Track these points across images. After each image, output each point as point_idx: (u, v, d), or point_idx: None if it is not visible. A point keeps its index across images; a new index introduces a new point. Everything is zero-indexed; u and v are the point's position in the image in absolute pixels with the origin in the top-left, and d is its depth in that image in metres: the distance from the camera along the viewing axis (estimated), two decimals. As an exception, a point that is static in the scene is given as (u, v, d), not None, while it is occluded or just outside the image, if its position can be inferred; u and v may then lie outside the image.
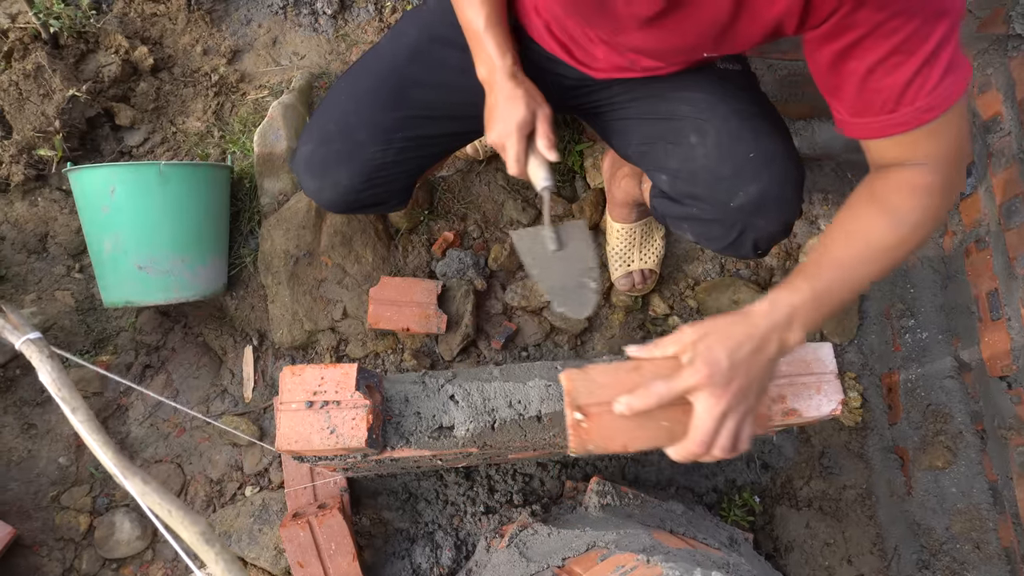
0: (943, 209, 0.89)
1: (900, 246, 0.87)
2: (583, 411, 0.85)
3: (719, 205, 1.12)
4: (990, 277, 1.51)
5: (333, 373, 0.96)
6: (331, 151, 1.20)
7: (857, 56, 0.80)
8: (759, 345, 0.81)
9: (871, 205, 0.89)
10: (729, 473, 1.57)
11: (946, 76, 0.79)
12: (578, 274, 1.13)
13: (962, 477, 1.54)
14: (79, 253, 1.67)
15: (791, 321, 0.82)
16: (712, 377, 0.78)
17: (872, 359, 1.72)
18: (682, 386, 0.80)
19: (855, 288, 0.87)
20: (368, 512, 1.48)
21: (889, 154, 0.88)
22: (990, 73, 1.56)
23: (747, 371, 0.80)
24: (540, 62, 1.18)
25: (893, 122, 0.83)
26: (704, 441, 0.80)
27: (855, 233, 0.88)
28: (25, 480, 1.52)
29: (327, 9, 1.84)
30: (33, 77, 1.60)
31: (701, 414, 0.80)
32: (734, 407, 0.80)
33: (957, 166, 0.87)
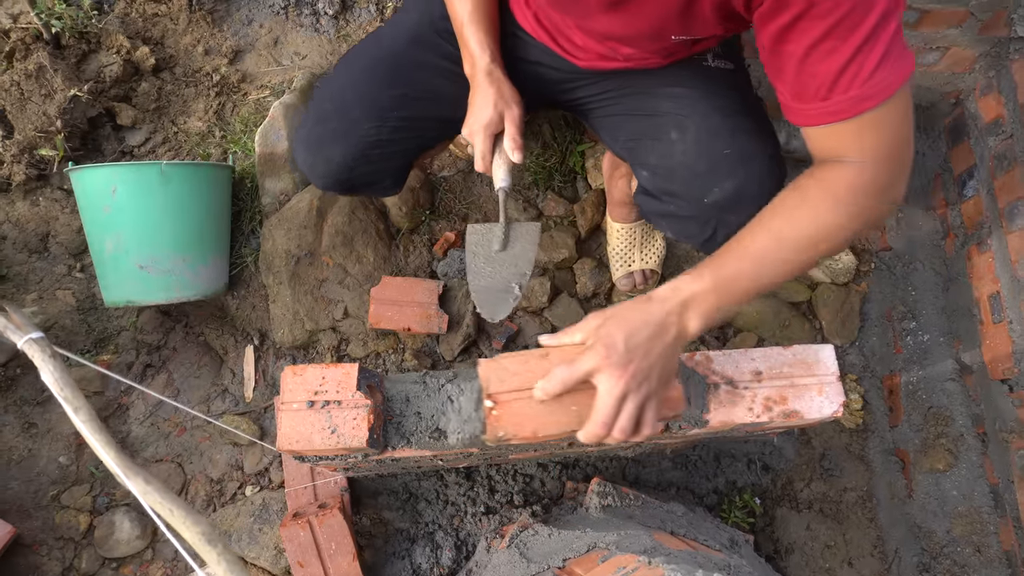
0: (871, 212, 0.85)
1: (814, 246, 0.85)
2: (493, 399, 0.88)
3: (694, 201, 1.12)
4: (992, 280, 1.51)
5: (334, 373, 0.96)
6: (327, 129, 1.21)
7: (794, 38, 0.79)
8: (657, 329, 0.82)
9: (793, 200, 0.87)
10: (730, 475, 1.57)
11: (883, 66, 0.77)
12: (509, 277, 1.16)
13: (963, 480, 1.54)
14: (80, 252, 1.67)
15: (687, 308, 0.83)
16: (609, 359, 0.79)
17: (873, 361, 1.72)
18: (582, 369, 0.81)
19: (763, 283, 0.86)
20: (368, 512, 1.48)
21: (824, 145, 0.86)
22: (992, 76, 1.56)
23: (645, 354, 0.81)
24: (534, 54, 1.20)
25: (827, 110, 0.81)
26: (605, 422, 0.81)
27: (771, 227, 0.86)
28: (25, 479, 1.52)
29: (328, 9, 1.84)
30: (35, 77, 1.60)
31: (602, 395, 0.81)
32: (633, 389, 0.81)
33: (892, 167, 0.84)
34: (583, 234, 1.71)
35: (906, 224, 1.77)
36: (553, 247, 1.67)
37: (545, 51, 1.19)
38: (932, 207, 1.75)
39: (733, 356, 1.02)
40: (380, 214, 1.68)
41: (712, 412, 0.98)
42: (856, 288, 1.74)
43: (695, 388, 1.00)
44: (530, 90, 1.21)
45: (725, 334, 1.72)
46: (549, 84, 1.24)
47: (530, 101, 1.24)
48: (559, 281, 1.69)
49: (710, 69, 1.15)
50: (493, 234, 1.19)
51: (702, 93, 1.13)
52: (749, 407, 0.99)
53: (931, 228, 1.74)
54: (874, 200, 0.85)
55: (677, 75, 1.14)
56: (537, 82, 1.22)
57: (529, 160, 1.74)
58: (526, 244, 1.18)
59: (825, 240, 0.85)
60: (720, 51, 1.17)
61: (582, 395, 0.85)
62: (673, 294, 0.84)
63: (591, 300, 1.70)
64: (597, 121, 1.29)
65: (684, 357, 1.01)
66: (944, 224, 1.71)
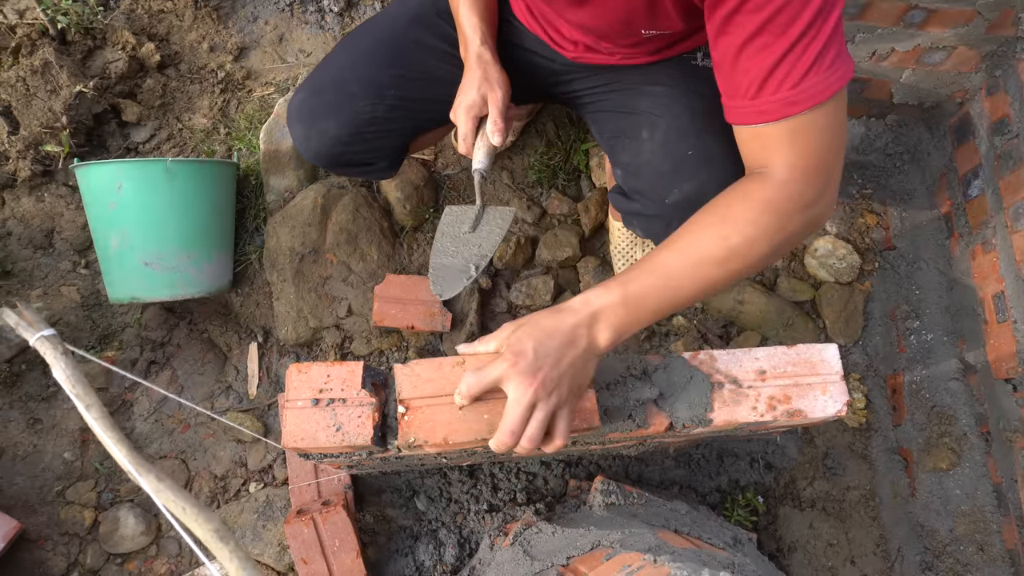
0: (792, 228, 0.82)
1: (727, 262, 0.82)
2: (405, 404, 0.88)
3: (658, 201, 1.12)
4: (996, 279, 1.51)
5: (339, 371, 0.96)
6: (322, 101, 1.21)
7: (731, 31, 0.78)
8: (567, 339, 0.80)
9: (710, 211, 0.85)
10: (733, 473, 1.57)
11: (816, 69, 0.75)
12: (468, 258, 1.17)
13: (966, 479, 1.54)
14: (85, 249, 1.68)
15: (597, 320, 0.81)
16: (517, 366, 0.78)
17: (877, 360, 1.72)
18: (491, 376, 0.80)
19: (675, 299, 0.83)
20: (372, 509, 1.48)
21: (750, 147, 0.84)
22: (998, 75, 1.55)
23: (555, 363, 0.79)
24: (529, 43, 1.21)
25: (755, 109, 0.80)
26: (512, 430, 0.79)
27: (683, 243, 0.84)
28: (31, 475, 1.52)
29: (333, 6, 1.84)
30: (40, 73, 1.60)
31: (510, 403, 0.79)
32: (543, 397, 0.79)
33: (817, 180, 0.81)
34: (587, 232, 1.71)
35: (910, 224, 1.77)
36: (557, 245, 1.67)
37: (538, 41, 1.21)
38: (937, 206, 1.75)
39: (737, 355, 1.02)
40: (384, 212, 1.68)
41: (716, 411, 0.98)
42: (860, 287, 1.74)
43: (698, 388, 1.00)
44: (526, 79, 1.22)
45: (728, 333, 1.72)
46: (545, 75, 1.25)
47: (527, 91, 1.25)
48: (563, 280, 1.70)
49: (697, 67, 1.15)
50: (467, 216, 1.20)
51: (681, 92, 1.12)
52: (753, 406, 0.99)
53: (935, 227, 1.74)
54: (796, 216, 0.81)
55: (660, 73, 1.15)
56: (533, 71, 1.23)
57: (533, 158, 1.74)
58: (495, 227, 1.19)
59: (738, 258, 0.82)
60: None
61: (495, 404, 0.85)
62: (583, 306, 0.82)
63: (595, 298, 1.70)
64: (588, 116, 1.30)
65: (688, 356, 1.01)
66: (949, 223, 1.71)
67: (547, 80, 1.26)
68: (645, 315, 0.83)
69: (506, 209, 1.20)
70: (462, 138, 1.12)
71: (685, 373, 1.00)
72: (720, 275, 0.83)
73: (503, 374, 0.79)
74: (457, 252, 1.18)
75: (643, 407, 0.96)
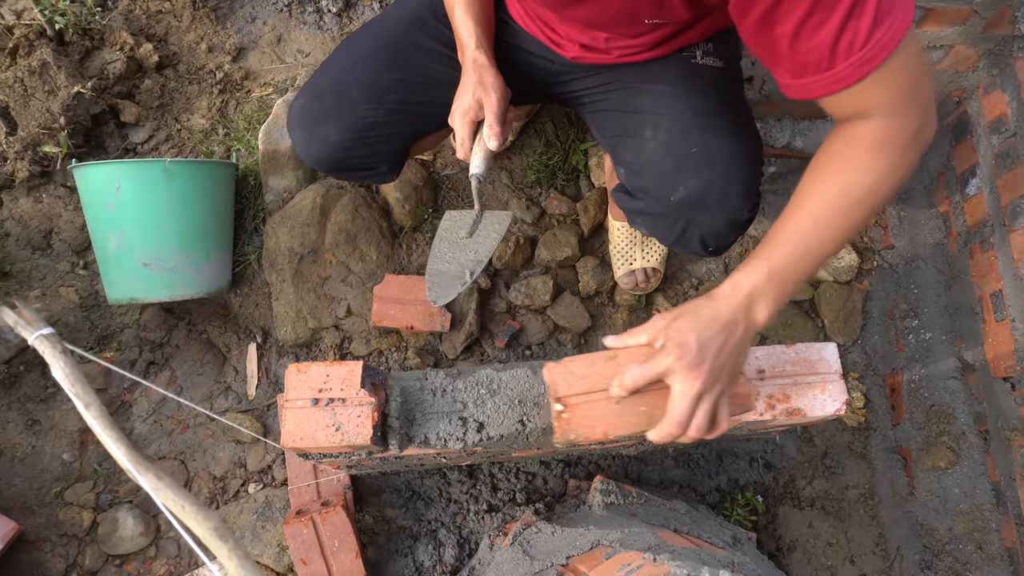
0: (906, 158, 0.85)
1: (856, 208, 0.84)
2: (563, 402, 0.88)
3: (662, 199, 1.13)
4: (994, 278, 1.51)
5: (338, 371, 0.96)
6: (323, 106, 1.21)
7: (779, 20, 0.79)
8: (726, 327, 0.82)
9: (826, 166, 0.87)
10: (732, 473, 1.57)
11: (878, 26, 0.76)
12: (464, 264, 1.17)
13: (965, 478, 1.54)
14: (83, 249, 1.67)
15: (752, 302, 0.84)
16: (684, 359, 0.80)
17: (875, 359, 1.72)
18: (656, 370, 0.81)
19: (819, 257, 0.86)
20: (371, 510, 1.48)
21: (842, 109, 0.86)
22: (996, 74, 1.56)
23: (718, 352, 0.81)
24: (526, 44, 1.21)
25: (833, 78, 0.81)
26: (681, 421, 0.81)
27: (811, 201, 0.85)
28: (29, 476, 1.52)
29: (332, 7, 1.84)
30: (38, 74, 1.60)
31: (677, 395, 0.81)
32: (709, 387, 0.81)
33: (917, 109, 0.84)
34: (586, 232, 1.71)
35: (908, 223, 1.77)
36: (556, 245, 1.67)
37: (535, 42, 1.21)
38: (935, 205, 1.75)
39: (737, 354, 1.02)
40: (383, 212, 1.68)
41: (716, 410, 0.98)
42: (858, 286, 1.74)
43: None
44: (524, 79, 1.22)
45: (727, 332, 1.72)
46: (543, 75, 1.25)
47: (525, 92, 1.25)
48: (562, 279, 1.70)
49: (697, 66, 1.15)
50: (465, 221, 1.20)
51: (683, 90, 1.13)
52: (752, 405, 0.99)
53: (933, 226, 1.74)
54: (907, 147, 0.84)
55: (661, 71, 1.15)
56: (531, 71, 1.24)
57: (532, 158, 1.74)
58: (491, 232, 1.19)
59: (867, 200, 0.84)
60: (711, 48, 1.16)
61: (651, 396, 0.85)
62: (735, 290, 0.84)
63: (593, 298, 1.70)
64: (588, 116, 1.30)
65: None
66: (947, 222, 1.71)
67: (546, 81, 1.26)
68: (792, 283, 0.85)
69: (503, 214, 1.21)
70: (459, 143, 1.12)
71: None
72: (853, 223, 0.86)
73: (670, 367, 0.80)
74: (454, 258, 1.19)
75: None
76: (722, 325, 0.82)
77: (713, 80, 1.15)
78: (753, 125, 1.17)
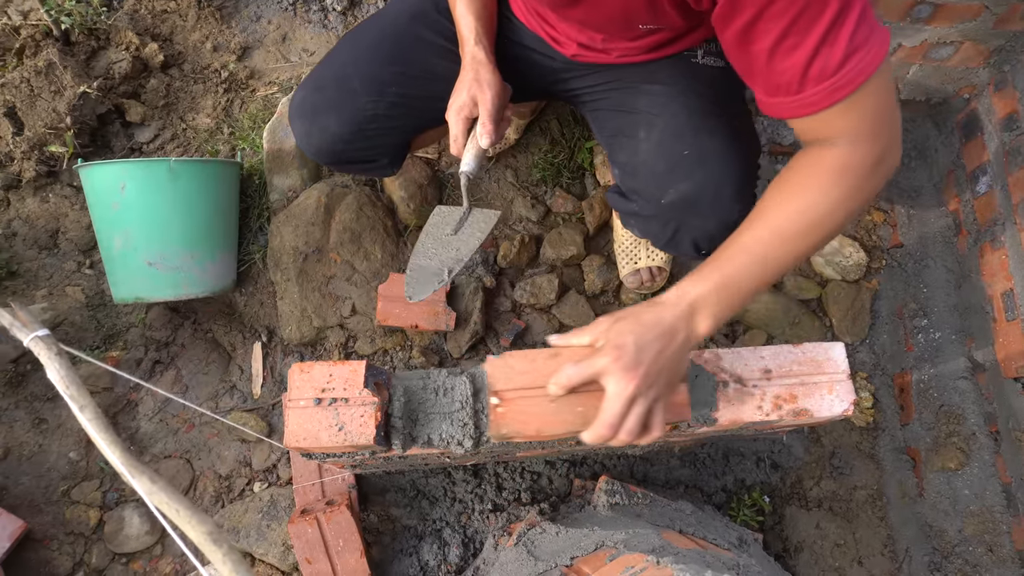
0: (867, 188, 0.84)
1: (813, 231, 0.84)
2: (499, 396, 0.88)
3: (654, 201, 1.12)
4: (1005, 277, 1.49)
5: (341, 370, 0.96)
6: (324, 97, 1.21)
7: (757, 38, 0.79)
8: (666, 332, 0.81)
9: (786, 187, 0.86)
10: (739, 473, 1.56)
11: (852, 54, 0.76)
12: (444, 261, 1.16)
13: (975, 479, 1.53)
14: (89, 249, 1.68)
15: (695, 311, 0.83)
16: (620, 360, 0.79)
17: (884, 359, 1.70)
18: (592, 369, 0.81)
19: (768, 276, 0.85)
20: (376, 509, 1.48)
21: (809, 132, 0.85)
22: (1007, 70, 1.54)
23: (655, 357, 0.80)
24: (530, 43, 1.21)
25: (802, 103, 0.80)
26: (612, 423, 0.80)
27: (768, 219, 0.85)
28: (36, 475, 1.53)
29: (336, 5, 1.84)
30: (45, 74, 1.61)
31: (611, 397, 0.80)
32: (643, 391, 0.80)
33: (881, 140, 0.83)
34: (591, 231, 1.70)
35: (918, 221, 1.75)
36: (561, 244, 1.66)
37: (536, 39, 1.20)
38: (944, 203, 1.73)
39: (742, 354, 1.01)
40: (388, 211, 1.68)
41: (721, 410, 0.97)
42: (867, 285, 1.73)
43: (703, 387, 0.99)
44: (526, 76, 1.21)
45: (734, 332, 1.71)
46: (545, 72, 1.24)
47: (528, 89, 1.25)
48: (567, 278, 1.69)
49: (697, 66, 1.14)
50: (453, 217, 1.19)
51: (679, 90, 1.11)
52: (758, 405, 0.99)
53: (943, 225, 1.72)
54: (870, 175, 0.83)
55: (660, 71, 1.14)
56: (532, 68, 1.23)
57: (537, 156, 1.74)
58: (476, 230, 1.18)
59: (823, 224, 0.84)
60: (714, 48, 1.15)
61: (588, 396, 0.85)
62: (679, 298, 0.83)
63: (599, 297, 1.70)
64: (589, 114, 1.29)
65: (692, 355, 1.00)
66: (956, 220, 1.69)
67: (547, 78, 1.25)
68: (740, 298, 0.85)
69: (491, 213, 1.19)
70: (452, 140, 1.11)
71: (690, 372, 0.99)
72: (806, 246, 0.85)
73: (604, 367, 0.80)
74: (436, 254, 1.18)
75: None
76: (662, 331, 0.81)
77: (712, 80, 1.13)
78: (750, 126, 1.16)
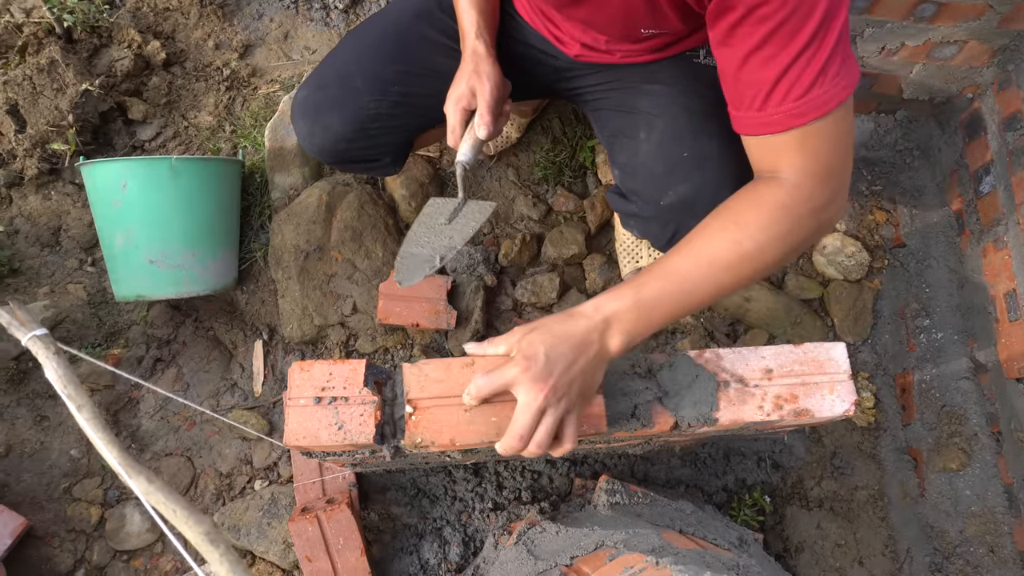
0: (803, 232, 0.82)
1: (739, 266, 0.81)
2: (413, 404, 0.89)
3: (653, 203, 1.12)
4: (1008, 277, 1.49)
5: (341, 369, 0.96)
6: (326, 96, 1.20)
7: (734, 42, 0.78)
8: (579, 344, 0.80)
9: (722, 215, 0.84)
10: (739, 472, 1.56)
11: (821, 80, 0.74)
12: (436, 248, 1.15)
13: (977, 479, 1.52)
14: (91, 247, 1.68)
15: (609, 326, 0.81)
16: (529, 371, 0.78)
17: (886, 359, 1.70)
18: (502, 380, 0.80)
19: (687, 303, 0.83)
20: (376, 507, 1.48)
21: (759, 155, 0.84)
22: (1011, 70, 1.53)
23: (566, 368, 0.79)
24: (534, 42, 1.21)
25: (761, 121, 0.79)
26: (521, 435, 0.79)
27: (696, 247, 0.83)
28: (37, 472, 1.53)
29: (338, 3, 1.84)
30: (47, 71, 1.61)
31: (520, 408, 0.79)
32: (552, 403, 0.79)
33: (828, 185, 0.81)
34: (593, 230, 1.69)
35: (920, 221, 1.75)
36: (563, 243, 1.66)
37: (540, 38, 1.20)
38: (947, 203, 1.73)
39: (743, 354, 1.01)
40: (389, 209, 1.68)
41: (722, 410, 0.97)
42: (869, 285, 1.72)
43: (703, 387, 0.99)
44: (529, 75, 1.21)
45: (735, 331, 1.70)
46: (547, 71, 1.24)
47: (530, 87, 1.25)
48: (568, 277, 1.69)
49: (699, 66, 1.13)
50: (448, 207, 1.18)
51: (679, 91, 1.11)
52: (759, 405, 0.98)
53: (946, 224, 1.72)
54: (807, 220, 0.81)
55: (661, 72, 1.13)
56: (535, 67, 1.23)
57: (539, 155, 1.73)
58: (470, 220, 1.16)
59: (753, 259, 0.82)
60: None
61: (502, 407, 0.85)
62: (595, 311, 0.82)
63: (600, 296, 1.69)
64: (591, 113, 1.29)
65: (693, 354, 1.00)
66: (959, 220, 1.68)
67: (549, 77, 1.25)
68: (657, 320, 0.83)
69: (486, 204, 1.18)
70: (450, 130, 1.11)
71: (691, 372, 0.99)
72: (732, 279, 0.83)
73: (514, 378, 0.79)
74: (428, 242, 1.17)
75: (648, 406, 0.96)
76: (575, 343, 0.80)
77: (713, 81, 1.12)
78: None
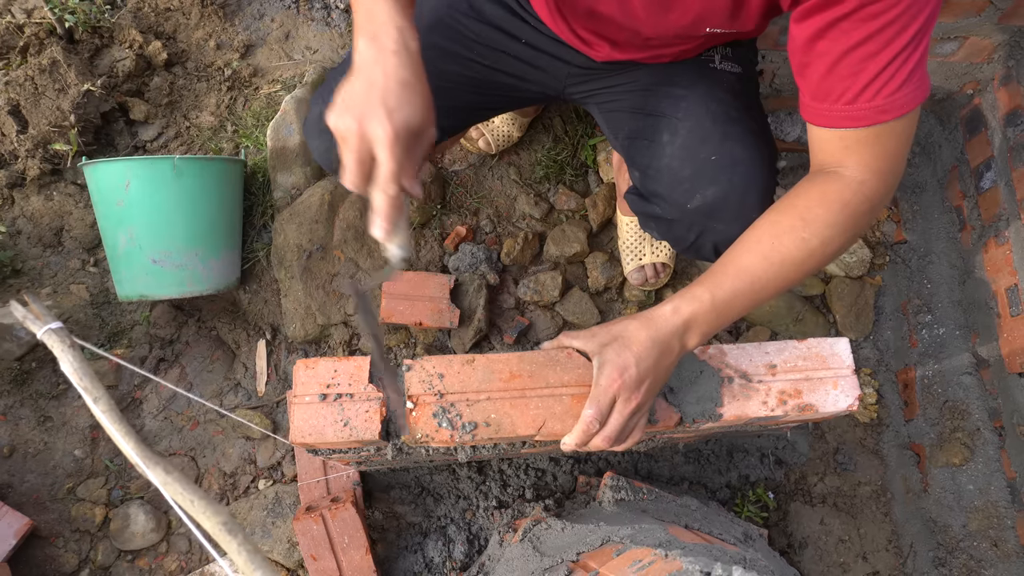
0: (860, 227, 0.86)
1: (808, 260, 0.85)
2: (414, 400, 0.92)
3: (678, 206, 1.12)
4: (1010, 272, 1.49)
5: (346, 366, 0.96)
6: None
7: (834, 37, 0.78)
8: (663, 350, 0.86)
9: (788, 212, 0.87)
10: (743, 469, 1.56)
11: (911, 80, 0.77)
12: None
13: (979, 474, 1.52)
14: (94, 247, 1.68)
15: (688, 329, 0.87)
16: (622, 381, 0.84)
17: (888, 355, 1.70)
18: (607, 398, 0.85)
19: (757, 300, 0.87)
20: (381, 506, 1.48)
21: (828, 148, 0.86)
22: (1012, 65, 1.53)
23: (655, 376, 0.86)
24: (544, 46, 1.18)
25: (847, 114, 0.81)
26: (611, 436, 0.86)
27: (768, 244, 0.86)
28: (41, 472, 1.53)
29: (340, 3, 1.84)
30: (48, 72, 1.61)
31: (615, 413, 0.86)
32: (642, 407, 0.87)
33: (889, 181, 0.85)
34: (595, 228, 1.70)
35: (922, 217, 1.75)
36: (565, 241, 1.66)
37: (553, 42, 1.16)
38: (948, 199, 1.73)
39: (747, 350, 1.01)
40: (391, 208, 1.68)
41: (725, 406, 0.98)
42: (871, 281, 1.72)
43: (707, 383, 0.99)
44: (537, 83, 1.20)
45: (738, 328, 1.71)
46: (560, 76, 1.21)
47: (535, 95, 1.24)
48: (571, 275, 1.69)
49: (715, 71, 1.13)
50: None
51: (701, 95, 1.11)
52: (763, 401, 0.99)
53: (947, 220, 1.72)
54: (867, 214, 0.85)
55: (680, 75, 1.13)
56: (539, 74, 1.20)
57: (540, 154, 1.74)
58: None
59: (816, 258, 0.86)
60: (730, 53, 1.15)
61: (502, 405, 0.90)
62: (674, 315, 0.86)
63: (603, 294, 1.70)
64: (602, 115, 1.28)
65: (697, 351, 1.00)
66: (960, 216, 1.69)
67: (564, 80, 1.21)
68: (729, 318, 0.88)
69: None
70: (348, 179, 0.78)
71: (694, 367, 0.99)
72: (798, 275, 0.87)
73: (615, 392, 0.85)
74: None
75: (652, 402, 0.96)
76: (661, 350, 0.86)
77: (730, 86, 1.13)
78: (768, 130, 1.16)
